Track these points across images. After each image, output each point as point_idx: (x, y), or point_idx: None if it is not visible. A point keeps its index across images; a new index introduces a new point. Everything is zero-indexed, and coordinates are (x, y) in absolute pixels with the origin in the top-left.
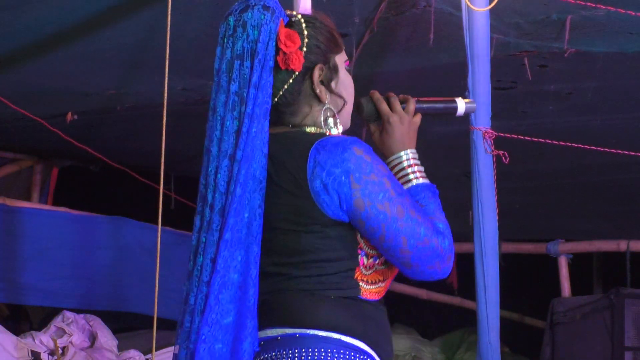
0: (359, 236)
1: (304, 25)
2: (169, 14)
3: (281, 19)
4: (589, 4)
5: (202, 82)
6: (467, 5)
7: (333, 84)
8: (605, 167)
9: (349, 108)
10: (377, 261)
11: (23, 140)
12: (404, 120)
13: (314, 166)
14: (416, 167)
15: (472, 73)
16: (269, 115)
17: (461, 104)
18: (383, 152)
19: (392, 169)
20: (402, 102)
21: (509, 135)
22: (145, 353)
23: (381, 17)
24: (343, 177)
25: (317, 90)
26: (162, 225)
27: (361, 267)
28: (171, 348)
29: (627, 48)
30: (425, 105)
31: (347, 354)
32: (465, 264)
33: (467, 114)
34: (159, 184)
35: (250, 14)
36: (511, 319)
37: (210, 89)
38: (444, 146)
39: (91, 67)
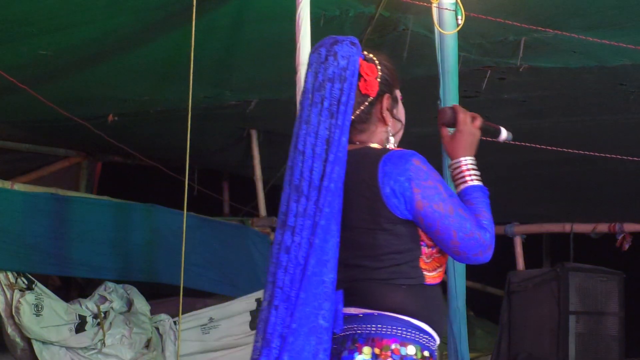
0: (420, 231)
1: (377, 62)
2: (192, 35)
3: (361, 56)
4: (540, 27)
5: (220, 91)
6: (439, 30)
7: (395, 111)
8: (553, 162)
9: (402, 131)
10: (434, 250)
11: (72, 138)
12: (472, 132)
13: (383, 175)
14: (473, 171)
15: (443, 85)
16: None
17: (504, 132)
18: (449, 154)
19: (453, 169)
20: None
21: None
22: (172, 317)
23: (368, 39)
24: (406, 184)
25: (384, 114)
26: (186, 210)
27: (423, 256)
28: (194, 312)
29: (571, 64)
30: (485, 125)
31: (412, 333)
32: None
33: (506, 140)
34: (184, 176)
35: (340, 47)
36: (475, 288)
37: (227, 97)
38: (419, 145)
39: (128, 77)
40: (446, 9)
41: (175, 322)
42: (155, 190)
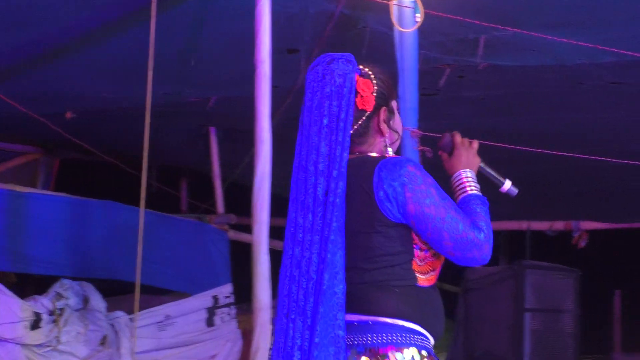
0: (413, 234)
1: (372, 76)
2: (152, 32)
3: (356, 72)
4: (499, 26)
5: (180, 88)
6: (397, 27)
7: (391, 122)
8: (511, 160)
9: (399, 140)
10: (427, 253)
11: (29, 135)
12: (469, 151)
13: (377, 180)
14: (472, 182)
15: (402, 82)
16: None
17: (507, 183)
18: (449, 171)
19: (454, 182)
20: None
21: (431, 134)
22: (128, 314)
23: (329, 36)
24: (399, 188)
25: (382, 127)
26: (145, 207)
27: (416, 259)
28: (151, 309)
29: (530, 62)
30: (486, 168)
31: (407, 336)
32: None
33: (508, 193)
34: (142, 173)
35: (336, 65)
36: None
37: (187, 94)
38: None
39: (87, 74)
40: (405, 6)
41: (131, 319)
42: (114, 187)
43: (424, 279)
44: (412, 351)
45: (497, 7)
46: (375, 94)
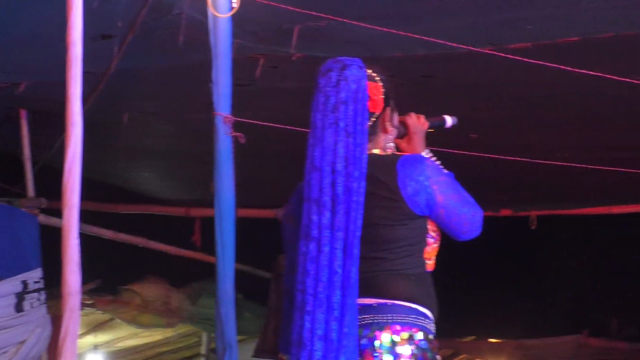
0: (428, 223)
1: (378, 78)
2: None
3: (366, 76)
4: (313, 13)
5: None
6: (213, 13)
7: (394, 120)
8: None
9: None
10: (434, 240)
11: None
12: (421, 129)
13: (403, 177)
14: (436, 161)
15: (215, 69)
16: None
17: (448, 119)
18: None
19: None
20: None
21: (244, 120)
22: None
23: (142, 21)
24: (426, 182)
25: (386, 125)
26: None
27: (427, 247)
28: None
29: (344, 53)
30: (430, 121)
31: (420, 319)
32: (208, 225)
33: (453, 125)
34: None
35: (350, 71)
36: (245, 271)
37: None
38: (190, 130)
39: None
40: None
41: None
42: None
43: (430, 265)
44: (423, 334)
45: None
46: (382, 97)
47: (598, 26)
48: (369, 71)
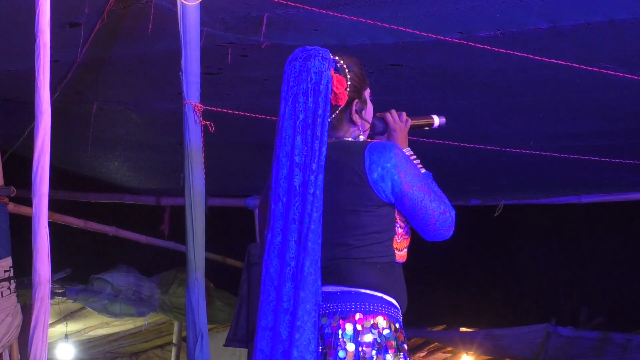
0: (396, 213)
1: (346, 70)
2: None
3: (332, 67)
4: (281, 1)
5: None
6: (181, 1)
7: (363, 113)
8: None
9: (369, 129)
10: (404, 231)
11: None
12: (402, 127)
13: (370, 163)
14: (416, 160)
15: (185, 58)
16: None
17: (436, 119)
18: None
19: None
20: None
21: (214, 109)
22: None
23: (111, 9)
24: (393, 170)
25: (354, 118)
26: None
27: (396, 237)
28: None
29: (312, 42)
30: (416, 122)
31: (383, 306)
32: (178, 214)
33: (440, 126)
34: None
35: (312, 62)
36: (215, 260)
37: None
38: (162, 120)
39: None
40: None
41: None
42: None
43: (400, 255)
44: (388, 322)
45: None
46: (348, 90)
47: (568, 14)
48: (341, 63)
